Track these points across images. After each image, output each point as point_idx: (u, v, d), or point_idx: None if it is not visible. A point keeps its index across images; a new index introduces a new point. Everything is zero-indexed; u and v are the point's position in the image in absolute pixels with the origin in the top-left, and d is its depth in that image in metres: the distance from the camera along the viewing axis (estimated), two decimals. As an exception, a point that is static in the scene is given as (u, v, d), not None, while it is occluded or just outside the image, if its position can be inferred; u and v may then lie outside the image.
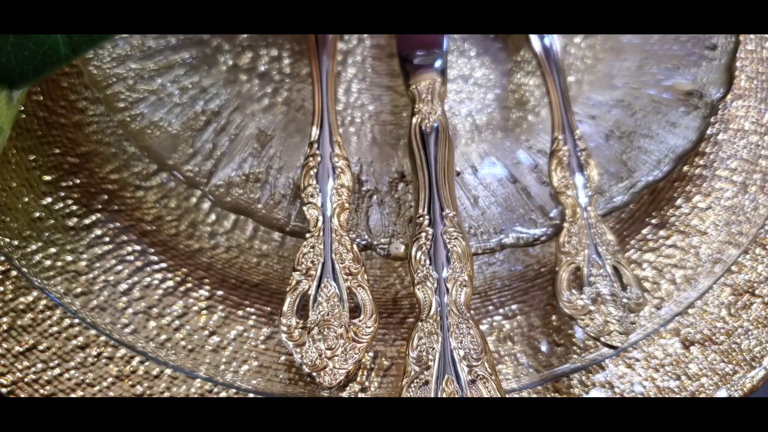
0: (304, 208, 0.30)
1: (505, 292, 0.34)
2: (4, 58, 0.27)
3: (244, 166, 0.32)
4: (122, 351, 0.30)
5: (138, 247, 0.32)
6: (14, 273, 0.31)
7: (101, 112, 0.35)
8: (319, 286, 0.28)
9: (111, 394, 0.29)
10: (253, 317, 0.31)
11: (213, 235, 0.33)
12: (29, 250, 0.31)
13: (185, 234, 0.33)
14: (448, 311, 0.27)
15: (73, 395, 0.29)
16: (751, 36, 0.40)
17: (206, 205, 0.34)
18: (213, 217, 0.34)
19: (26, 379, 0.29)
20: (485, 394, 0.25)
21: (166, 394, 0.29)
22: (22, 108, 0.35)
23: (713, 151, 0.37)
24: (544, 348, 0.31)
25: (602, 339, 0.28)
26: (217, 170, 0.31)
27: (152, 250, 0.32)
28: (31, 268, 0.31)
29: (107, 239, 0.32)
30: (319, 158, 0.31)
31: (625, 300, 0.29)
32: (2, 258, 0.31)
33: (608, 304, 0.29)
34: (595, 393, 0.30)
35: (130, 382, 0.29)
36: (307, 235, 0.29)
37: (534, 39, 0.36)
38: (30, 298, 0.30)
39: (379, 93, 0.37)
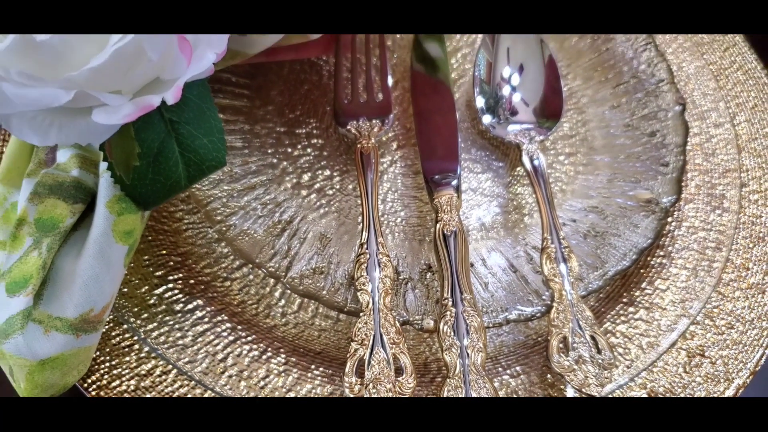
0: (358, 294, 0.37)
1: (510, 356, 0.40)
2: (144, 190, 0.35)
3: (311, 262, 0.40)
4: (221, 405, 0.38)
5: (229, 325, 0.41)
6: (137, 346, 0.39)
7: (194, 220, 0.44)
8: (371, 352, 0.35)
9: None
10: (319, 378, 0.39)
11: (284, 315, 0.42)
12: (148, 328, 0.40)
13: (263, 314, 0.42)
14: (469, 370, 0.34)
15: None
16: (699, 152, 0.49)
17: (278, 292, 0.42)
18: (283, 301, 0.42)
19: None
20: None
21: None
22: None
23: (670, 244, 0.45)
24: (542, 400, 0.39)
25: (583, 390, 0.35)
26: (292, 266, 0.40)
27: (240, 327, 0.41)
28: (151, 342, 0.40)
29: (206, 319, 0.41)
30: (368, 255, 0.38)
31: (600, 361, 0.36)
32: (129, 334, 0.40)
33: (587, 364, 0.36)
34: None
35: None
36: (361, 314, 0.37)
37: (525, 159, 0.44)
38: (149, 366, 0.39)
39: (408, 202, 0.45)
